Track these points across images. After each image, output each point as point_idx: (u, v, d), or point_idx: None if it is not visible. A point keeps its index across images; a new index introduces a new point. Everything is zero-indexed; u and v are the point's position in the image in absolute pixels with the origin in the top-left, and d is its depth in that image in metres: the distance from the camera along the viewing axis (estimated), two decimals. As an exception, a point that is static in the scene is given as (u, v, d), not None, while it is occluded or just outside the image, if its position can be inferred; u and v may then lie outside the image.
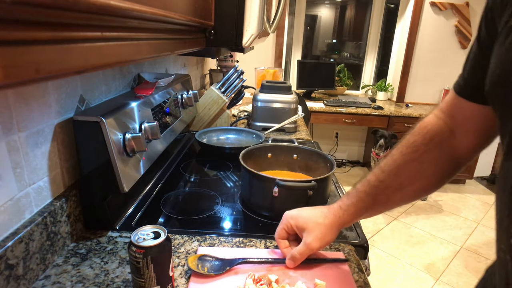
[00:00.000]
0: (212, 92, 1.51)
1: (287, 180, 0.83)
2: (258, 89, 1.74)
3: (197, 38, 0.73)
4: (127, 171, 0.77)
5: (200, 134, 1.39)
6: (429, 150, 0.60)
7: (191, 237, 0.79)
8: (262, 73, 2.59)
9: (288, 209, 0.72)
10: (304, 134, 1.65)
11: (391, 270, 2.23)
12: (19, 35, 0.23)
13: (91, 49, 0.33)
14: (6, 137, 0.57)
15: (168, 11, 0.48)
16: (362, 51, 3.83)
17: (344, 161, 3.89)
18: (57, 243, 0.69)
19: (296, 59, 3.59)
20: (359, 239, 0.82)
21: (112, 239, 0.77)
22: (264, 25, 0.89)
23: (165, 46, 0.55)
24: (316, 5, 3.75)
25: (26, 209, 0.64)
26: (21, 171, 0.62)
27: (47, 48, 0.26)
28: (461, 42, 3.29)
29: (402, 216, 2.85)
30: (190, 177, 1.14)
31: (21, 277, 0.59)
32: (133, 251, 0.55)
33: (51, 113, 0.69)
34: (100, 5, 0.30)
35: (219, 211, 0.92)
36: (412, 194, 0.63)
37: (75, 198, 0.75)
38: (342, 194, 1.05)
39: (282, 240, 0.71)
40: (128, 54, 0.41)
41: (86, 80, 0.80)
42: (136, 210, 0.90)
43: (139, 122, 0.86)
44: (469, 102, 0.54)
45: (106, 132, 0.71)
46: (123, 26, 0.39)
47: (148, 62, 1.22)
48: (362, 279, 0.69)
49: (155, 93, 1.02)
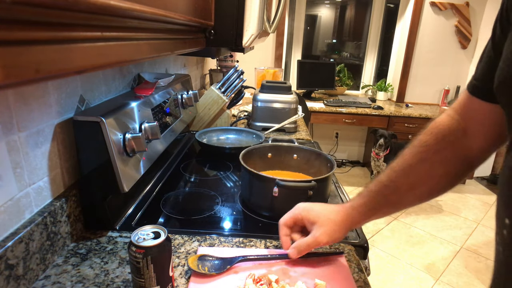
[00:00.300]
0: (212, 92, 1.51)
1: (287, 180, 0.83)
2: (258, 89, 1.74)
3: (197, 38, 0.73)
4: (127, 171, 0.77)
5: (200, 134, 1.39)
6: (440, 149, 0.60)
7: (191, 237, 0.79)
8: (262, 73, 2.59)
9: (288, 209, 0.72)
10: (304, 134, 1.65)
11: (391, 270, 2.22)
12: (19, 35, 0.23)
13: (91, 49, 0.33)
14: (6, 137, 0.57)
15: (168, 11, 0.48)
16: (362, 51, 3.83)
17: (344, 161, 3.89)
18: (57, 243, 0.69)
19: (296, 59, 3.59)
20: (359, 239, 0.82)
21: (112, 239, 0.77)
22: (264, 25, 0.89)
23: (165, 46, 0.55)
24: (316, 5, 3.75)
25: (26, 209, 0.64)
26: (21, 171, 0.62)
27: (47, 48, 0.26)
28: (461, 42, 3.29)
29: (402, 216, 2.85)
30: (190, 177, 1.14)
31: (21, 277, 0.59)
32: (133, 251, 0.55)
33: (51, 113, 0.69)
34: (100, 5, 0.30)
35: (219, 211, 0.92)
36: (423, 194, 0.63)
37: (75, 198, 0.75)
38: (342, 194, 1.05)
39: (285, 227, 0.70)
40: (128, 54, 0.41)
41: (86, 80, 0.80)
42: (136, 210, 0.90)
43: (139, 122, 0.86)
44: (482, 101, 0.54)
45: (106, 132, 0.71)
46: (123, 26, 0.39)
47: (148, 62, 1.22)
48: (362, 279, 0.69)
49: (155, 93, 1.02)
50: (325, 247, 0.77)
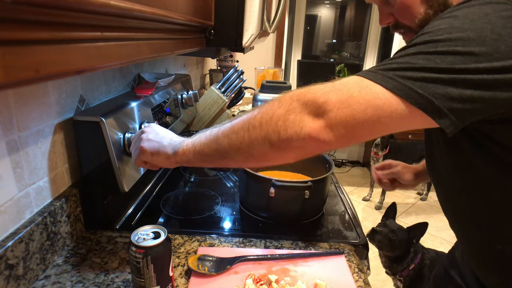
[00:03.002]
0: (212, 92, 1.51)
1: (283, 180, 0.83)
2: (258, 89, 1.74)
3: (197, 38, 0.73)
4: (127, 171, 0.77)
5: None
6: None
7: (191, 237, 0.79)
8: (262, 73, 2.59)
9: (285, 209, 0.73)
10: (304, 134, 1.64)
11: (391, 270, 2.22)
12: (19, 35, 0.23)
13: (91, 49, 0.33)
14: (6, 137, 0.57)
15: (168, 11, 0.48)
16: (362, 51, 3.83)
17: (344, 161, 3.88)
18: (57, 243, 0.69)
19: (296, 59, 3.59)
20: (359, 239, 0.82)
21: (112, 239, 0.77)
22: (264, 25, 0.89)
23: (165, 46, 0.55)
24: (316, 5, 3.75)
25: (26, 209, 0.64)
26: (21, 171, 0.62)
27: (47, 48, 0.26)
28: (461, 42, 3.28)
29: (402, 216, 2.85)
30: (190, 177, 1.14)
31: (21, 277, 0.59)
32: (133, 251, 0.55)
33: (51, 113, 0.69)
34: (100, 5, 0.30)
35: (219, 211, 0.92)
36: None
37: (75, 198, 0.75)
38: (342, 194, 1.05)
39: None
40: (128, 54, 0.41)
41: (86, 80, 0.80)
42: (136, 210, 0.90)
43: (139, 122, 0.86)
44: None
45: (106, 132, 0.71)
46: (123, 26, 0.39)
47: (148, 62, 1.22)
48: (362, 279, 0.69)
49: (155, 93, 1.02)
50: (325, 247, 0.77)
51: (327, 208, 0.96)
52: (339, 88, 0.45)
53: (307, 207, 0.88)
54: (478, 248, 0.61)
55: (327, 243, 0.79)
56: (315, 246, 0.78)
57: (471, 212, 0.58)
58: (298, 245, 0.78)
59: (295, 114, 0.45)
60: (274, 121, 0.46)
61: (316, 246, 0.78)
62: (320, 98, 0.44)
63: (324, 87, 0.46)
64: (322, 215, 0.93)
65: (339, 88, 0.45)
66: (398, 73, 0.43)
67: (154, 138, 0.61)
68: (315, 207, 0.92)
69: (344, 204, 0.99)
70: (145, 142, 0.61)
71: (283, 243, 0.78)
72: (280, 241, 0.79)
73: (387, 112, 0.43)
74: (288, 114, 0.46)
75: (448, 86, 0.41)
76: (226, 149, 0.51)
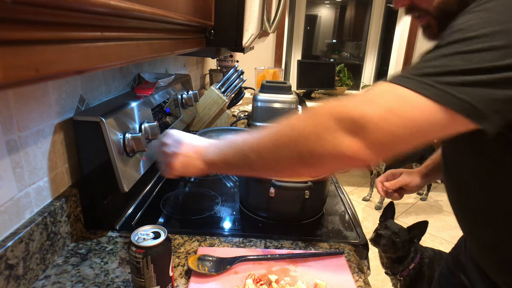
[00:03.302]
0: (212, 92, 1.51)
1: (283, 180, 0.83)
2: (258, 89, 1.74)
3: (197, 38, 0.73)
4: (127, 171, 0.77)
5: (200, 134, 1.38)
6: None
7: (191, 237, 0.79)
8: (262, 73, 2.59)
9: (284, 210, 0.73)
10: (304, 134, 1.64)
11: (391, 270, 2.22)
12: (19, 35, 0.23)
13: (91, 49, 0.33)
14: (6, 137, 0.57)
15: (168, 11, 0.48)
16: (362, 51, 3.83)
17: (344, 161, 3.88)
18: (57, 243, 0.69)
19: (296, 59, 3.59)
20: (359, 239, 0.82)
21: (112, 239, 0.77)
22: (264, 25, 0.89)
23: (165, 46, 0.55)
24: (316, 5, 3.76)
25: (26, 209, 0.64)
26: (21, 171, 0.62)
27: (47, 48, 0.26)
28: (461, 42, 3.28)
29: (402, 216, 2.85)
30: (190, 177, 1.14)
31: (21, 277, 0.59)
32: (133, 251, 0.55)
33: (51, 113, 0.69)
34: (100, 5, 0.30)
35: (219, 211, 0.92)
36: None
37: (75, 198, 0.75)
38: (342, 195, 1.05)
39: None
40: (128, 54, 0.41)
41: (86, 80, 0.80)
42: (136, 210, 0.90)
43: (139, 122, 0.86)
44: None
45: (106, 132, 0.71)
46: (123, 26, 0.39)
47: (148, 62, 1.22)
48: (362, 279, 0.69)
49: (155, 93, 1.02)
50: (325, 247, 0.77)
51: (327, 208, 0.96)
52: (373, 100, 0.42)
53: (307, 207, 0.88)
54: (490, 246, 0.60)
55: (327, 243, 0.80)
56: (315, 246, 0.78)
57: (487, 209, 0.57)
58: (298, 245, 0.78)
59: (328, 132, 0.43)
60: (305, 137, 0.44)
61: (316, 246, 0.78)
62: (355, 113, 0.41)
63: (356, 99, 0.43)
64: (322, 215, 0.93)
65: (373, 100, 0.42)
66: (436, 79, 0.39)
67: (179, 151, 0.60)
68: (315, 207, 0.92)
69: (344, 204, 0.99)
70: (172, 158, 0.60)
71: (283, 243, 0.78)
72: (280, 241, 0.79)
73: (428, 122, 0.40)
74: (321, 131, 0.43)
75: (491, 87, 0.38)
76: (255, 163, 0.50)
